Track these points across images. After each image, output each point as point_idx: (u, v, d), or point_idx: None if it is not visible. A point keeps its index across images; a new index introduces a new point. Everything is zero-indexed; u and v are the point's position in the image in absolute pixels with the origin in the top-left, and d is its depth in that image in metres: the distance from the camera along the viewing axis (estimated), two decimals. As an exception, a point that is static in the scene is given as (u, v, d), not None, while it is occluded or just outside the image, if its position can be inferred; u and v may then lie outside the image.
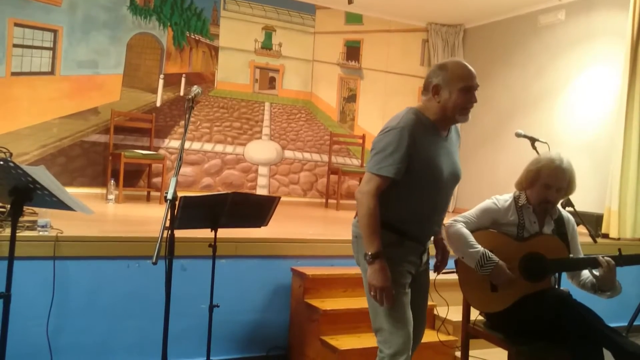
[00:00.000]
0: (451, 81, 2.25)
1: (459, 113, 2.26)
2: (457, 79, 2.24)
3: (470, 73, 2.27)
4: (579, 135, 6.09)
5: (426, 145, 2.24)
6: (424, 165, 2.23)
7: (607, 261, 2.58)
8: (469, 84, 2.25)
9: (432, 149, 2.26)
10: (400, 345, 2.23)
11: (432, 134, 2.28)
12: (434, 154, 2.26)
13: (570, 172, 2.72)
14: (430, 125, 2.29)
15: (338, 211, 6.41)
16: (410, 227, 2.32)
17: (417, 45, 7.96)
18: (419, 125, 2.24)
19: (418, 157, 2.21)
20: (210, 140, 6.79)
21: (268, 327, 3.72)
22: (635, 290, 4.79)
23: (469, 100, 2.26)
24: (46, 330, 3.09)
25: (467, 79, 2.26)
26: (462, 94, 2.24)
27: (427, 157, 2.24)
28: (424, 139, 2.24)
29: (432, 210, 2.35)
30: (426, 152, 2.23)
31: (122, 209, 5.25)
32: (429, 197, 2.29)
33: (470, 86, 2.26)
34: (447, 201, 2.40)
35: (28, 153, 5.84)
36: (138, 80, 6.44)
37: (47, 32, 5.96)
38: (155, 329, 2.85)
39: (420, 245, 2.38)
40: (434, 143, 2.28)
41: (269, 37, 7.12)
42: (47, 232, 3.19)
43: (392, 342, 2.24)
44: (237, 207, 3.00)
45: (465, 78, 2.25)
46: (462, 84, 2.24)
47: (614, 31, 5.78)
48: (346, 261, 3.91)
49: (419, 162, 2.22)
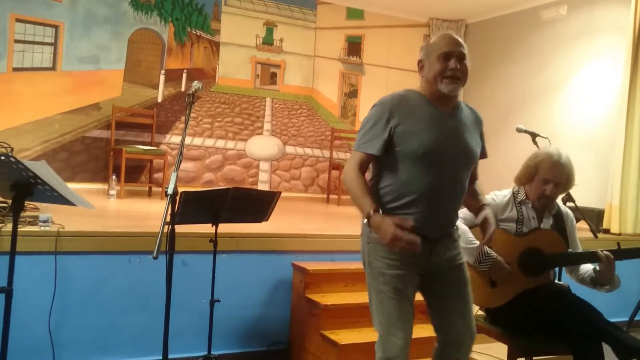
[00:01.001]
0: (430, 53, 2.18)
1: (440, 82, 2.13)
2: (435, 49, 2.16)
3: (448, 39, 2.17)
4: (580, 131, 6.08)
5: (414, 119, 2.12)
6: (408, 139, 2.10)
7: (606, 255, 2.58)
8: (445, 50, 2.14)
9: (423, 123, 2.13)
10: (388, 351, 2.14)
11: (424, 109, 2.16)
12: (423, 127, 2.12)
13: (569, 167, 2.72)
14: (422, 100, 2.18)
15: (339, 206, 6.41)
16: (410, 216, 2.09)
17: (418, 40, 7.93)
18: (405, 100, 2.17)
19: (402, 131, 2.10)
20: (212, 136, 6.79)
21: (269, 321, 3.73)
22: (636, 285, 4.79)
23: (447, 67, 2.13)
24: (48, 325, 3.10)
25: (444, 45, 2.15)
26: (439, 62, 2.14)
27: (412, 130, 2.11)
28: (411, 113, 2.13)
29: (431, 192, 2.11)
30: (413, 125, 2.11)
31: (123, 204, 5.26)
32: (423, 175, 2.10)
33: (447, 52, 2.14)
34: (454, 184, 2.17)
35: (30, 148, 5.85)
36: (139, 76, 6.44)
37: (49, 28, 5.96)
38: (156, 323, 2.87)
39: (426, 240, 2.12)
40: (428, 118, 2.14)
41: (270, 32, 7.12)
42: (48, 227, 3.20)
43: (383, 346, 2.17)
44: (238, 202, 3.01)
45: (442, 45, 2.16)
46: (439, 51, 2.14)
47: (616, 26, 5.76)
48: (347, 256, 3.93)
49: (403, 136, 2.10)
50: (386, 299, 2.17)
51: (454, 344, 2.25)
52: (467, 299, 2.27)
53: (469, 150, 2.21)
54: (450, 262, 2.25)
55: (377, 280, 2.19)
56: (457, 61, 2.13)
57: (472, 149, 2.22)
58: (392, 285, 2.16)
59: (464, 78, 2.17)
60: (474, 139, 2.25)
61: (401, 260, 2.14)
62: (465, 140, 2.20)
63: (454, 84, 2.14)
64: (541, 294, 2.64)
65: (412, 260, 2.15)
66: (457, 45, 2.16)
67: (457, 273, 2.26)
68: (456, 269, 2.26)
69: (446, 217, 2.22)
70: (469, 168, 2.23)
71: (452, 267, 2.25)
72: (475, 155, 2.25)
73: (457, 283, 2.26)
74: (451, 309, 2.24)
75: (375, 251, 2.19)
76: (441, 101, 2.19)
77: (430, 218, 2.14)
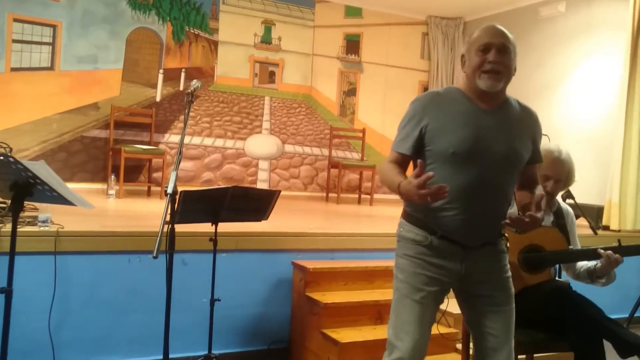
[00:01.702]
0: (471, 46, 2.02)
1: (479, 77, 1.96)
2: (474, 41, 2.01)
3: (488, 30, 2.00)
4: (580, 127, 6.08)
5: (446, 117, 1.98)
6: (438, 138, 1.96)
7: (608, 255, 2.58)
8: (483, 41, 1.97)
9: (455, 121, 1.97)
10: (394, 356, 2.01)
11: (460, 106, 2.00)
12: (455, 125, 1.96)
13: (569, 163, 2.73)
14: (461, 96, 2.03)
15: (339, 205, 6.41)
16: (439, 221, 1.99)
17: (417, 38, 7.94)
18: (440, 97, 2.04)
19: (432, 129, 1.97)
20: (211, 135, 6.79)
21: (269, 320, 3.73)
22: (636, 282, 4.80)
23: (485, 60, 1.96)
24: (48, 325, 3.09)
25: (482, 37, 1.99)
26: (477, 55, 1.98)
27: (443, 128, 1.96)
28: (444, 111, 1.99)
29: (464, 196, 1.94)
30: (444, 124, 1.97)
31: (122, 204, 5.26)
32: (454, 177, 1.93)
33: (486, 44, 1.97)
34: (492, 188, 1.98)
35: (28, 149, 5.85)
36: (138, 75, 6.43)
37: (47, 28, 5.95)
38: (156, 323, 2.86)
39: (458, 247, 2.00)
40: (462, 115, 1.98)
41: (269, 31, 7.11)
42: (47, 227, 3.19)
43: (390, 349, 2.05)
44: (237, 201, 3.01)
45: (480, 37, 1.99)
46: (477, 44, 1.99)
47: (614, 23, 5.76)
48: (347, 254, 3.93)
49: (433, 135, 1.97)
50: (401, 298, 2.06)
51: None
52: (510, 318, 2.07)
53: (510, 153, 1.99)
54: (490, 274, 2.06)
55: (397, 278, 2.10)
56: (497, 53, 1.96)
57: (515, 151, 2.00)
58: (411, 284, 2.03)
59: (507, 72, 1.98)
60: (520, 141, 2.03)
61: (427, 260, 2.02)
62: (506, 140, 1.98)
63: (493, 80, 1.96)
64: (542, 291, 2.63)
65: (440, 263, 2.02)
66: (498, 37, 1.98)
67: (499, 287, 2.07)
68: (498, 282, 2.07)
69: (484, 223, 2.01)
70: (511, 172, 2.02)
71: (493, 280, 2.06)
72: (519, 158, 2.02)
73: (499, 299, 2.06)
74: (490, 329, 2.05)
75: (401, 249, 2.11)
76: (482, 98, 2.01)
77: (464, 226, 1.98)
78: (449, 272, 2.03)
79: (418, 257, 2.04)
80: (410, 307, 2.02)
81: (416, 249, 2.04)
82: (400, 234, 2.12)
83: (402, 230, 2.11)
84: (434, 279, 2.03)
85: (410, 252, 2.06)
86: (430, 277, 2.03)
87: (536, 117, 2.13)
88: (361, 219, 5.70)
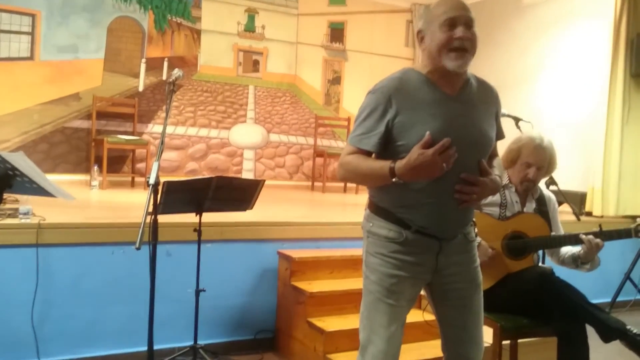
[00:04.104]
0: (432, 20, 1.85)
1: (445, 56, 1.81)
2: (438, 14, 1.83)
3: (452, 3, 1.84)
4: (563, 115, 6.12)
5: (414, 107, 1.83)
6: (408, 131, 1.81)
7: (589, 239, 2.60)
8: (449, 15, 1.81)
9: (424, 112, 1.83)
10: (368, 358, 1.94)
11: (425, 93, 1.86)
12: (425, 117, 1.82)
13: (551, 150, 2.75)
14: (423, 82, 1.87)
15: (324, 194, 6.40)
16: (413, 214, 1.87)
17: (401, 26, 7.92)
18: (404, 84, 1.86)
19: (400, 122, 1.82)
20: (195, 125, 6.73)
21: (255, 310, 3.73)
22: (617, 267, 4.86)
23: (454, 36, 1.80)
24: (31, 318, 3.07)
25: (447, 11, 1.82)
26: (443, 30, 1.81)
27: (412, 121, 1.82)
28: (410, 100, 1.84)
29: (439, 190, 1.84)
30: (412, 115, 1.82)
31: (106, 195, 5.21)
32: None
33: (452, 18, 1.81)
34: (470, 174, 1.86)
35: (9, 140, 5.76)
36: (120, 65, 6.35)
37: (25, 17, 5.84)
38: (141, 314, 2.85)
39: (433, 240, 1.90)
40: (430, 105, 1.84)
41: (252, 19, 7.05)
42: (29, 220, 3.16)
43: (363, 352, 1.96)
44: (221, 191, 3.00)
45: (446, 10, 1.82)
46: (442, 17, 1.82)
47: (597, 10, 5.78)
48: (332, 243, 3.94)
49: (402, 129, 1.82)
50: (374, 302, 1.93)
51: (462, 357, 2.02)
52: (478, 309, 2.02)
53: (481, 138, 1.91)
54: (460, 265, 1.98)
55: (368, 279, 1.97)
56: (465, 28, 1.81)
57: (484, 135, 1.92)
58: (385, 286, 1.92)
59: (473, 49, 1.85)
60: (487, 122, 1.94)
61: (402, 259, 1.90)
62: (476, 126, 1.89)
63: (461, 58, 1.82)
64: (525, 277, 2.66)
65: (416, 260, 1.91)
66: (464, 9, 1.83)
67: (468, 279, 2.00)
68: (467, 273, 1.99)
69: (458, 215, 1.91)
70: (483, 155, 1.92)
71: (463, 272, 1.98)
72: (489, 142, 1.95)
73: (468, 290, 1.99)
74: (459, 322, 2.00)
75: (372, 246, 1.96)
76: (446, 80, 1.88)
77: (439, 217, 1.88)
78: (424, 268, 1.94)
79: (391, 257, 1.91)
80: (384, 310, 1.92)
81: (389, 247, 1.91)
82: (370, 229, 1.97)
83: (372, 226, 1.96)
84: (409, 279, 1.93)
85: (382, 250, 1.92)
86: (405, 278, 1.92)
87: (496, 92, 2.04)
88: (347, 207, 5.70)
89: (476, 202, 1.92)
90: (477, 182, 1.84)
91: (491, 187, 1.90)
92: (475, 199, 1.87)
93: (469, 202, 1.87)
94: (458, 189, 1.84)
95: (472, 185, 1.84)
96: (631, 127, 5.33)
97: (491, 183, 1.89)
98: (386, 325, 1.92)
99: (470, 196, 1.85)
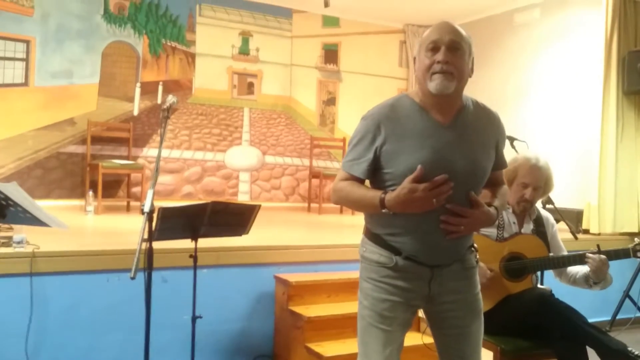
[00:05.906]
0: (421, 45, 1.86)
1: (428, 80, 1.79)
2: (424, 40, 1.84)
3: (436, 27, 1.83)
4: (557, 132, 6.14)
5: (402, 135, 1.82)
6: (395, 160, 1.81)
7: (593, 258, 2.59)
8: (431, 38, 1.81)
9: (412, 140, 1.81)
10: None
11: (415, 121, 1.84)
12: (413, 145, 1.80)
13: (547, 170, 2.75)
14: (416, 109, 1.85)
15: (320, 215, 6.38)
16: (403, 241, 1.86)
17: (394, 46, 7.97)
18: (394, 111, 1.85)
19: (388, 150, 1.82)
20: (190, 148, 6.73)
21: (253, 335, 3.69)
22: (617, 284, 4.82)
23: (434, 60, 1.78)
24: (25, 347, 3.03)
25: (430, 35, 1.82)
26: (426, 56, 1.82)
27: (399, 149, 1.81)
28: (399, 127, 1.83)
29: (426, 220, 1.81)
30: (400, 143, 1.81)
31: (101, 220, 5.18)
32: None
33: (434, 41, 1.80)
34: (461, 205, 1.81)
35: (3, 166, 5.74)
36: (114, 89, 6.36)
37: (20, 43, 5.87)
38: (137, 342, 2.80)
39: (424, 268, 1.87)
40: (419, 133, 1.82)
41: (246, 42, 7.09)
42: (23, 248, 3.13)
43: None
44: (217, 217, 2.98)
45: (429, 35, 1.83)
46: (426, 42, 1.82)
47: (589, 28, 5.83)
48: (330, 266, 3.91)
49: (389, 157, 1.82)
50: (367, 327, 1.92)
51: None
52: (477, 338, 1.98)
53: (472, 168, 1.84)
54: (458, 293, 1.92)
55: (361, 304, 1.96)
56: (446, 52, 1.78)
57: (476, 165, 1.86)
58: (377, 311, 1.90)
59: (457, 73, 1.80)
60: (481, 151, 1.89)
61: (393, 284, 1.88)
62: (467, 156, 1.83)
63: (444, 81, 1.78)
64: (524, 298, 2.64)
65: (407, 286, 1.88)
66: (447, 33, 1.81)
67: (466, 307, 1.94)
68: (465, 301, 1.94)
69: (449, 244, 1.86)
70: (475, 186, 1.87)
71: (460, 300, 1.93)
72: (482, 173, 1.89)
73: (465, 319, 1.94)
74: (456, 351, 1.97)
75: (365, 271, 1.96)
76: (438, 107, 1.85)
77: (428, 246, 1.85)
78: (416, 294, 1.91)
79: (383, 281, 1.89)
80: (377, 336, 1.90)
81: (380, 272, 1.90)
82: (363, 254, 1.97)
83: (365, 251, 1.96)
84: (401, 304, 1.90)
85: (374, 275, 1.91)
86: (397, 303, 1.89)
87: (498, 119, 1.99)
88: (344, 229, 5.67)
89: (465, 233, 1.87)
90: (465, 214, 1.81)
91: (483, 219, 1.86)
92: (463, 230, 1.83)
93: (457, 233, 1.83)
94: (443, 220, 1.81)
95: (459, 216, 1.81)
96: (625, 143, 5.34)
97: (483, 215, 1.85)
98: (380, 351, 1.90)
99: (457, 227, 1.82)
